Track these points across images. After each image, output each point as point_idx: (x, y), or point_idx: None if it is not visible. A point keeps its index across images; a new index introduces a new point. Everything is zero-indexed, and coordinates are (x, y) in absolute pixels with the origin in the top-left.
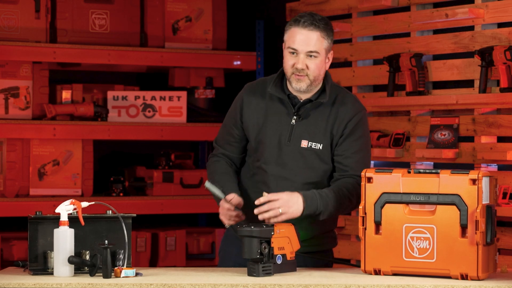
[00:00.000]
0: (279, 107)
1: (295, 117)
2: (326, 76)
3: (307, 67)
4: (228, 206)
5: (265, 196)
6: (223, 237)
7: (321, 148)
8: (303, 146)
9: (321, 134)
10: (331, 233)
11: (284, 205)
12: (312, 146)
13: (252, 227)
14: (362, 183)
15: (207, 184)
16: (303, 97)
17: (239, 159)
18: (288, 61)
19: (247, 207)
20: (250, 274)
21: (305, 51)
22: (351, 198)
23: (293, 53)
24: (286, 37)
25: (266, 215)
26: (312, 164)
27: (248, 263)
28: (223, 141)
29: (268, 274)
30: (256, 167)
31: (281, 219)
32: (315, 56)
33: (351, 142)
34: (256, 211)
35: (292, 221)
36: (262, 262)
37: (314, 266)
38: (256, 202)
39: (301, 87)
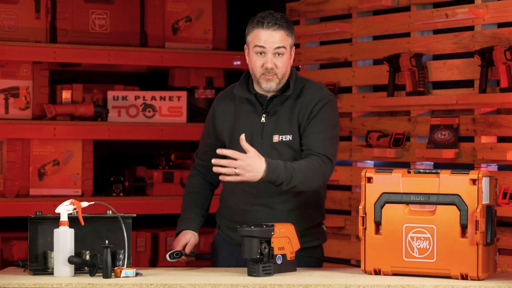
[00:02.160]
0: (248, 107)
1: (264, 115)
2: (291, 71)
3: (276, 65)
4: (185, 259)
5: (229, 151)
6: (212, 243)
7: (291, 139)
8: (275, 141)
9: (288, 125)
10: (318, 228)
11: (242, 167)
12: (283, 139)
13: (252, 227)
14: (362, 183)
15: (168, 259)
16: (269, 94)
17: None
18: (256, 62)
19: (232, 209)
20: (250, 274)
21: (273, 48)
22: (316, 175)
23: (261, 53)
24: (251, 38)
25: (221, 170)
26: (287, 156)
27: (248, 263)
28: (200, 152)
29: (268, 274)
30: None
31: (234, 180)
32: (282, 53)
33: (316, 123)
34: (213, 161)
35: (277, 219)
36: (262, 262)
37: (304, 263)
38: (218, 152)
39: (271, 87)
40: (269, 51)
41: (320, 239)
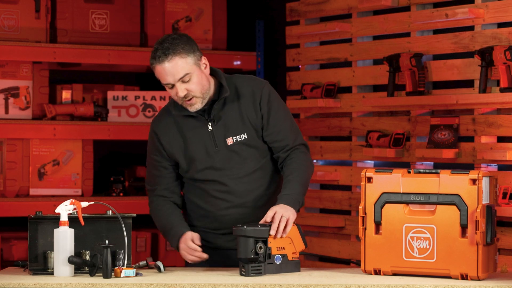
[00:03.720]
0: (191, 121)
1: (209, 123)
2: (217, 73)
3: (189, 89)
4: (194, 247)
5: (273, 228)
6: None
7: (246, 137)
8: (230, 143)
9: (241, 125)
10: None
11: (282, 212)
12: (238, 140)
13: (245, 226)
14: (362, 183)
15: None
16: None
17: (176, 186)
18: (171, 93)
19: (206, 218)
20: (240, 273)
21: (176, 80)
22: (309, 170)
23: (169, 87)
24: (156, 75)
25: (281, 227)
26: (247, 154)
27: (240, 263)
28: (156, 180)
29: (258, 274)
30: (198, 182)
31: (291, 223)
32: (189, 78)
33: (274, 116)
34: (278, 235)
35: (255, 216)
36: (255, 262)
37: None
38: (272, 232)
39: (197, 109)
40: (175, 83)
41: None
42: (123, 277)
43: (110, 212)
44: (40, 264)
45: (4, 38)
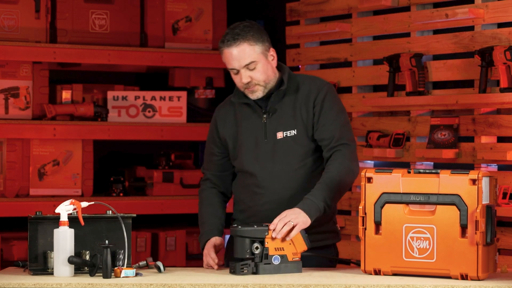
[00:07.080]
0: (248, 110)
1: (265, 115)
2: (283, 68)
3: (252, 78)
4: (213, 257)
5: (273, 223)
6: (227, 245)
7: (295, 133)
8: (279, 137)
9: (292, 120)
10: (329, 226)
11: (291, 216)
12: (287, 135)
13: (239, 227)
14: (362, 183)
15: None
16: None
17: (226, 176)
18: (235, 79)
19: (243, 212)
20: (230, 272)
21: (242, 66)
22: (340, 175)
23: (234, 72)
24: (223, 58)
25: (284, 230)
26: (291, 151)
27: (230, 262)
28: (208, 164)
29: (242, 273)
30: (244, 174)
31: (297, 231)
32: (254, 66)
33: (325, 114)
34: (274, 234)
35: None
36: (242, 261)
37: (318, 263)
38: (271, 227)
39: (258, 97)
40: (240, 68)
41: (333, 238)
42: (123, 277)
43: (110, 212)
44: (40, 264)
45: (4, 38)
